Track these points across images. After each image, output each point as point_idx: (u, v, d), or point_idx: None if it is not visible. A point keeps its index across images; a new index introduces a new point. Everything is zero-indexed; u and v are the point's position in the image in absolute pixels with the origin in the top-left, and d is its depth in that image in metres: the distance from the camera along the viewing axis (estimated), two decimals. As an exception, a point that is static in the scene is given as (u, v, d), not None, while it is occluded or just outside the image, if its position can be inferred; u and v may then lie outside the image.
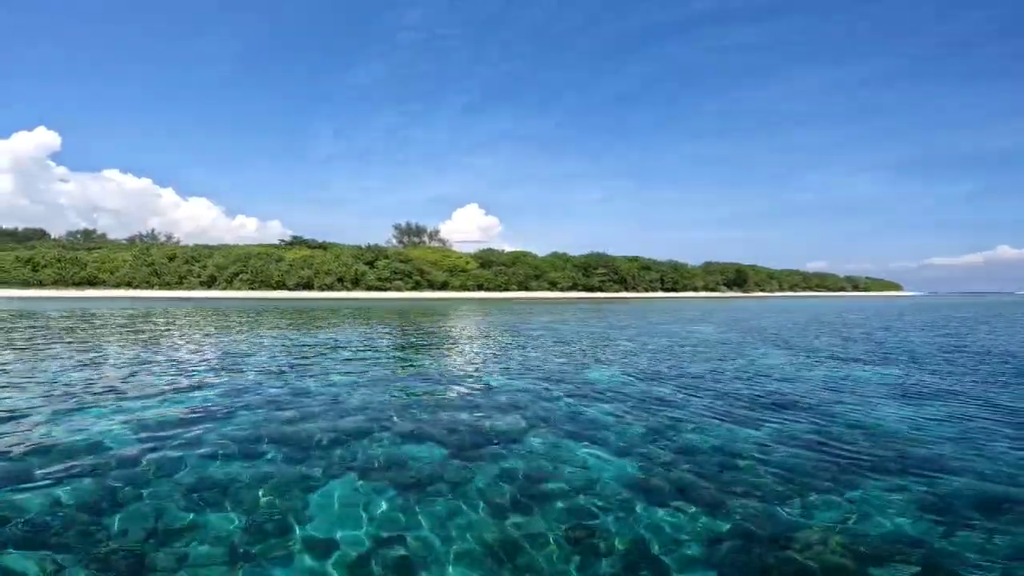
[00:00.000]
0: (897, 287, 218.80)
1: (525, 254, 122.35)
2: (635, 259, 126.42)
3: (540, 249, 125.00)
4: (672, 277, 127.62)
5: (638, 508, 4.36)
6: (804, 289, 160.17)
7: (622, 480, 5.01)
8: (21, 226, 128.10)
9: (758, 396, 8.77)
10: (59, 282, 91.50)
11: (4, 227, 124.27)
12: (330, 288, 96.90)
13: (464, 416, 7.26)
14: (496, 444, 6.02)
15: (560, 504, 4.43)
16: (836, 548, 3.72)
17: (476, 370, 11.38)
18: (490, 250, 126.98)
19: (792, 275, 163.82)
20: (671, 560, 3.57)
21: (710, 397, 8.66)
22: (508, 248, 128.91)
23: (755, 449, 5.92)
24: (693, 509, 4.33)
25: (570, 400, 8.53)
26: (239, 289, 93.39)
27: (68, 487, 4.32)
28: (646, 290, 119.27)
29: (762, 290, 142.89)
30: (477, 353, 14.37)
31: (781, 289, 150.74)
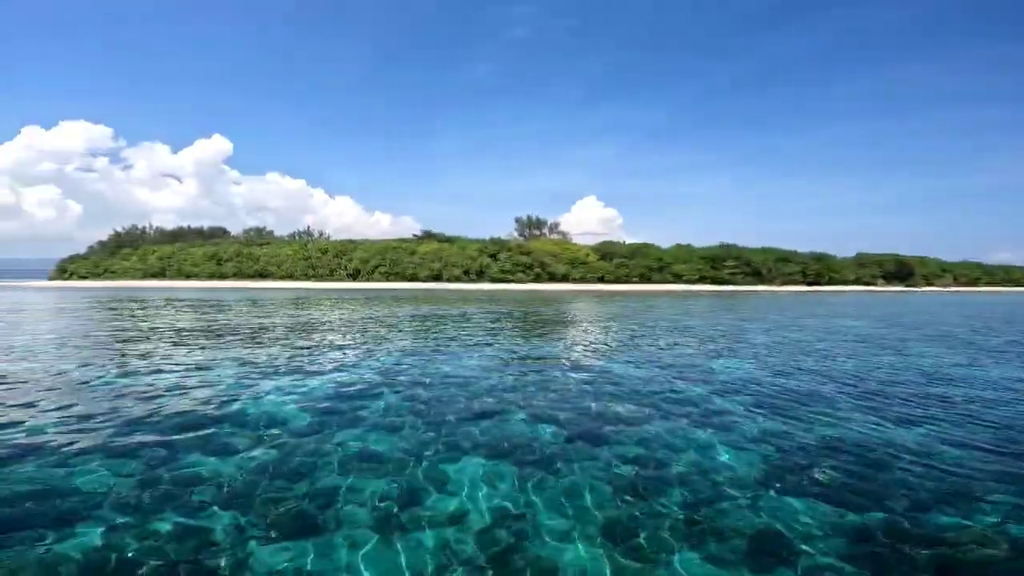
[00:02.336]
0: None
1: (647, 246, 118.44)
2: (770, 250, 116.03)
3: (662, 241, 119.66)
4: (815, 269, 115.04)
5: (768, 498, 4.21)
6: (987, 284, 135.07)
7: (751, 470, 4.85)
8: (206, 225, 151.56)
9: (915, 396, 7.79)
10: (237, 274, 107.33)
11: (193, 226, 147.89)
12: (457, 280, 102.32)
13: (587, 402, 7.42)
14: (618, 429, 6.09)
15: (682, 490, 4.39)
16: (998, 550, 3.32)
17: (599, 358, 11.47)
18: (610, 242, 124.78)
19: (970, 267, 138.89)
20: (806, 551, 3.43)
21: (857, 394, 7.88)
22: (629, 240, 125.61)
23: (907, 449, 5.35)
24: (833, 503, 4.08)
25: (696, 390, 8.29)
26: (378, 281, 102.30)
27: (251, 454, 5.04)
28: (784, 283, 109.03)
29: (930, 284, 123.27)
30: (600, 342, 14.41)
31: (956, 283, 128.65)
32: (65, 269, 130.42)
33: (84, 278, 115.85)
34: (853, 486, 4.43)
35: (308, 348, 12.42)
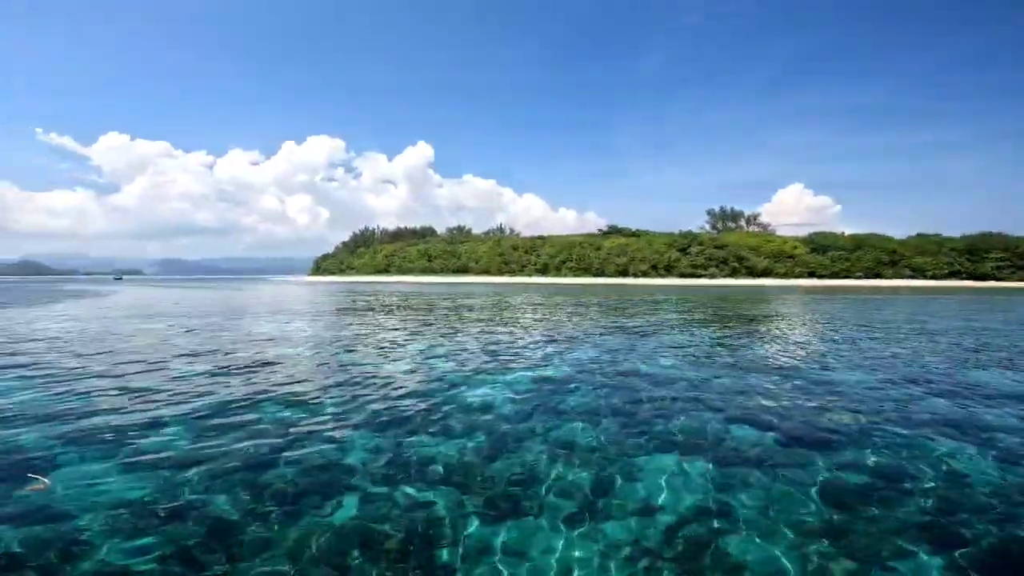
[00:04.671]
0: None
1: (875, 236, 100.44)
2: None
3: (894, 231, 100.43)
4: None
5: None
6: None
7: (1007, 485, 4.11)
8: (418, 225, 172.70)
9: None
10: (443, 270, 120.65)
11: (408, 227, 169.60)
12: (644, 275, 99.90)
13: (798, 404, 6.79)
14: (834, 436, 5.50)
15: (913, 503, 3.97)
16: None
17: (813, 360, 10.31)
18: (824, 233, 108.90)
19: None
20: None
21: None
22: (848, 231, 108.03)
23: None
24: None
25: (939, 400, 7.02)
26: (565, 276, 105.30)
27: (466, 435, 5.45)
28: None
29: None
30: (814, 343, 12.89)
31: None
32: (319, 266, 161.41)
33: (332, 274, 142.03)
34: None
35: (512, 342, 13.61)
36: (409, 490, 4.18)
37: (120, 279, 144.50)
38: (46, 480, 4.18)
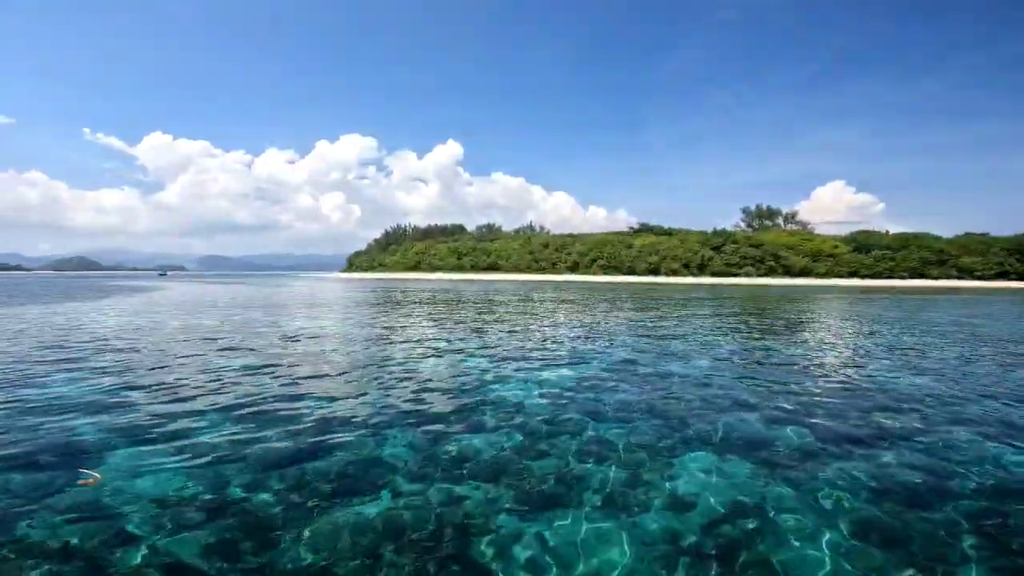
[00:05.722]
0: None
1: (921, 236, 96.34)
2: None
3: (942, 230, 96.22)
4: None
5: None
6: None
7: None
8: (448, 223, 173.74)
9: None
10: (474, 267, 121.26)
11: (438, 224, 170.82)
12: (675, 273, 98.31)
13: (838, 407, 6.58)
14: (878, 438, 5.35)
15: (960, 503, 3.93)
16: None
17: (855, 362, 9.95)
18: (867, 232, 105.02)
19: None
20: None
21: None
22: (892, 230, 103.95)
23: None
24: None
25: (989, 402, 6.77)
26: (595, 274, 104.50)
27: (501, 431, 5.52)
28: None
29: None
30: (856, 346, 12.45)
31: None
32: (352, 263, 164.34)
33: (364, 270, 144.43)
34: None
35: (545, 340, 13.61)
36: (443, 484, 4.23)
37: (164, 275, 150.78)
38: (96, 475, 4.35)
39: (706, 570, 3.10)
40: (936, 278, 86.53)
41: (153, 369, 8.63)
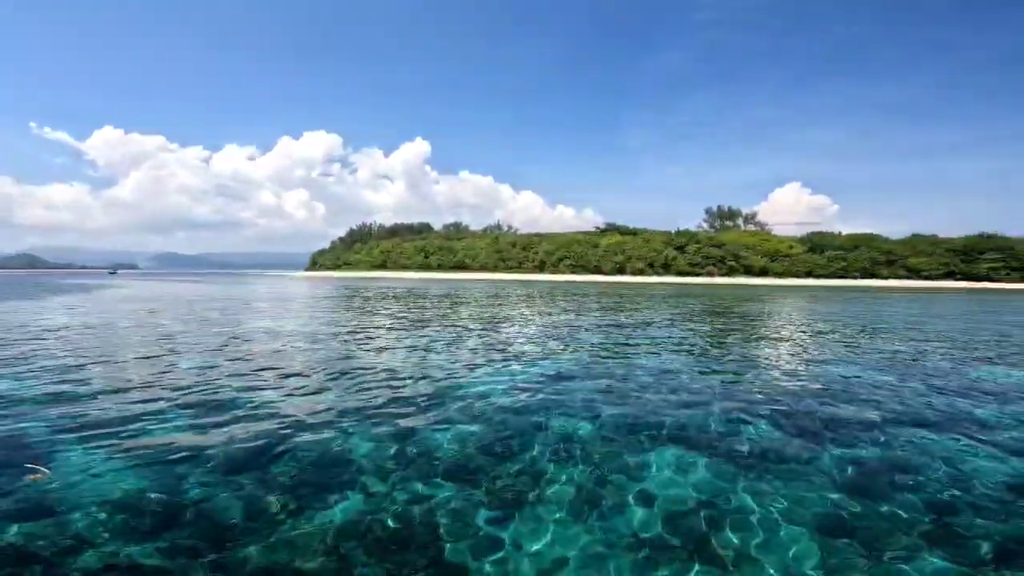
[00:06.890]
0: None
1: (872, 237, 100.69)
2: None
3: (891, 232, 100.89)
4: None
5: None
6: None
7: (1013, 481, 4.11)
8: (416, 221, 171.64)
9: None
10: (440, 266, 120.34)
11: (405, 222, 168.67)
12: (641, 273, 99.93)
13: (803, 401, 6.78)
14: (839, 432, 5.51)
15: (915, 495, 4.04)
16: None
17: (814, 358, 10.23)
18: (821, 233, 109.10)
19: None
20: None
21: None
22: (845, 231, 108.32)
23: None
24: None
25: (945, 396, 7.07)
26: (563, 273, 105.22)
27: (468, 429, 5.41)
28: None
29: None
30: (814, 341, 12.79)
31: None
32: (316, 261, 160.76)
33: (329, 269, 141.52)
34: None
35: (507, 337, 13.49)
36: (411, 483, 4.15)
37: (115, 273, 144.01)
38: (45, 469, 4.11)
39: (668, 564, 3.11)
40: (886, 278, 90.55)
41: (102, 365, 8.08)
